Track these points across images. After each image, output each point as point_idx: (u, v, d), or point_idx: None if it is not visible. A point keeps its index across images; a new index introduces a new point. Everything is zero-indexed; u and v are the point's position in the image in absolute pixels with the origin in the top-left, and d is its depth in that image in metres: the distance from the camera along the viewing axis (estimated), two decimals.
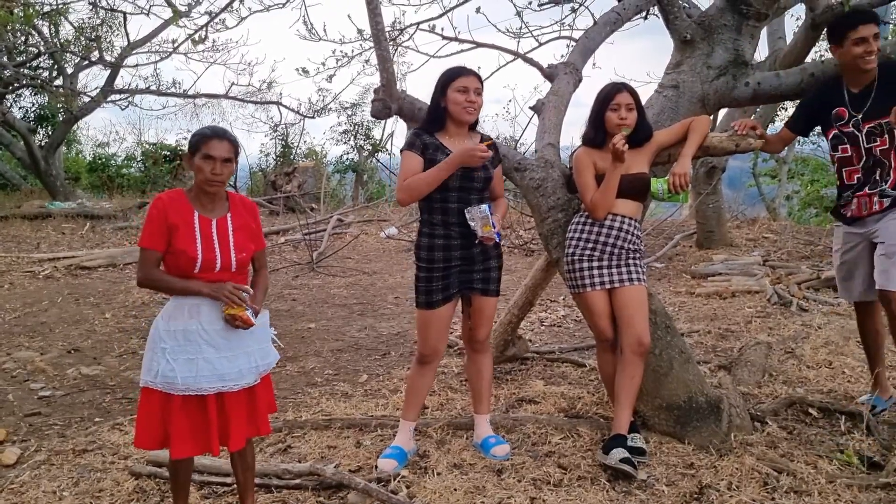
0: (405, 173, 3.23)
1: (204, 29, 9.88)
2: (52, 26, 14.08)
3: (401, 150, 3.34)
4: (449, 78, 3.26)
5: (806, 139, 18.70)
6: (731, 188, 15.39)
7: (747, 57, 3.78)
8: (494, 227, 3.16)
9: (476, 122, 3.40)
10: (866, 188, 3.43)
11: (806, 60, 7.62)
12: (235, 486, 3.09)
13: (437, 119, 3.30)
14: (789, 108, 16.51)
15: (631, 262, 3.37)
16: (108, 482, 3.23)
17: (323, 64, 7.00)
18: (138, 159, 18.28)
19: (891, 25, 12.38)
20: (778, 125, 17.11)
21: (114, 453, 3.57)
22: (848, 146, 3.43)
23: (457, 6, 6.05)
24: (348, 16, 6.06)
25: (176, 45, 13.24)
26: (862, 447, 3.30)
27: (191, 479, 2.83)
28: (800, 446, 3.36)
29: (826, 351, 4.86)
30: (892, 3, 10.09)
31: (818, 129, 3.67)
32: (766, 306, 6.44)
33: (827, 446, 3.38)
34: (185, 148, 2.70)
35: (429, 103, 3.40)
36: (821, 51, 14.39)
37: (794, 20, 13.59)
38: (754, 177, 19.07)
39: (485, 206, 3.16)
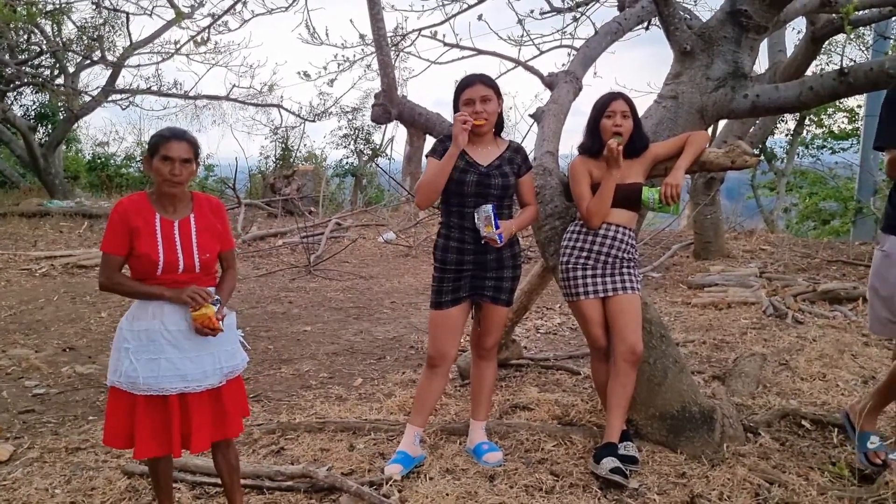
0: (422, 178, 3.29)
1: (207, 31, 9.89)
2: (54, 25, 14.09)
3: (425, 156, 3.38)
4: (457, 91, 3.29)
5: (806, 152, 18.80)
6: (729, 199, 15.42)
7: (746, 69, 3.80)
8: (497, 229, 3.15)
9: (501, 127, 3.40)
10: None
11: (806, 73, 7.69)
12: None
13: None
14: (789, 121, 16.63)
15: (625, 270, 3.38)
16: (100, 480, 3.23)
17: (324, 68, 7.06)
18: (138, 159, 18.26)
19: (891, 41, 12.45)
20: (778, 137, 17.21)
21: (106, 452, 3.56)
22: None
23: (459, 13, 6.09)
24: (350, 20, 6.09)
25: (178, 46, 13.26)
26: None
27: (172, 479, 2.83)
28: (792, 458, 3.37)
29: (820, 364, 4.87)
30: (893, 19, 10.15)
31: (818, 141, 3.60)
32: (762, 318, 6.45)
33: (819, 458, 3.39)
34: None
35: (431, 109, 3.43)
36: (821, 64, 14.47)
37: (794, 33, 13.67)
38: (753, 189, 19.09)
39: (489, 207, 3.17)
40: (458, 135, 3.13)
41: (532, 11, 5.87)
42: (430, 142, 3.35)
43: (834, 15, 6.66)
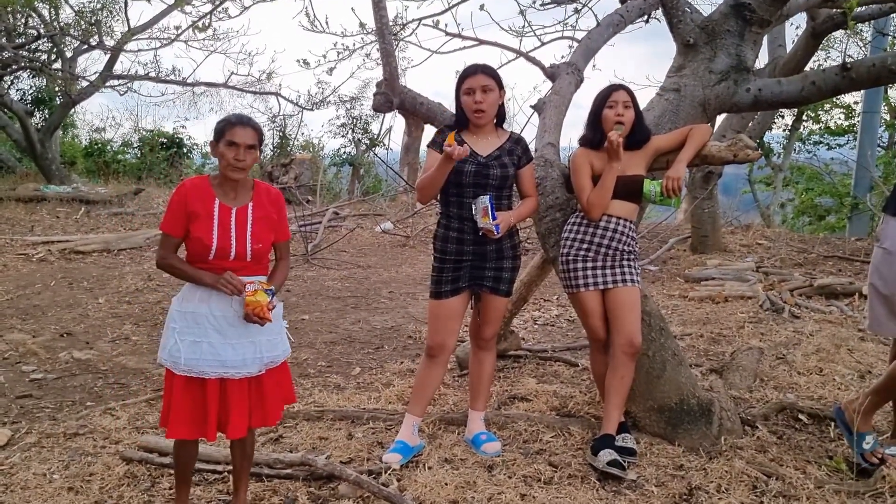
0: (423, 170, 3.30)
1: (208, 16, 9.84)
2: (51, 9, 14.00)
3: (426, 146, 3.40)
4: (459, 80, 3.28)
5: (803, 147, 18.83)
6: (726, 194, 15.44)
7: (749, 63, 3.80)
8: (494, 220, 3.15)
9: (503, 118, 3.38)
10: None
11: (805, 69, 7.69)
12: (227, 473, 3.12)
13: (460, 118, 3.34)
14: (787, 116, 16.64)
15: (625, 263, 3.38)
16: (98, 466, 3.23)
17: (324, 56, 7.02)
18: (135, 146, 18.19)
19: (889, 38, 12.44)
20: (775, 132, 17.22)
21: (105, 438, 3.57)
22: None
23: (460, 2, 6.06)
24: (352, 9, 6.06)
25: (179, 31, 13.19)
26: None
27: (194, 466, 2.83)
28: (789, 451, 3.38)
29: (817, 358, 4.89)
30: (893, 16, 10.14)
31: (814, 137, 3.61)
32: (759, 312, 6.47)
33: (816, 452, 3.40)
34: (183, 136, 2.70)
35: (431, 99, 3.42)
36: (819, 60, 14.47)
37: (794, 29, 13.66)
38: (750, 183, 19.13)
39: (486, 197, 3.16)
40: (450, 159, 3.05)
41: (534, 2, 5.85)
42: (428, 132, 3.34)
43: (835, 10, 6.66)
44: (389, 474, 3.12)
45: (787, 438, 3.56)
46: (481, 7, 5.49)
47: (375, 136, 18.40)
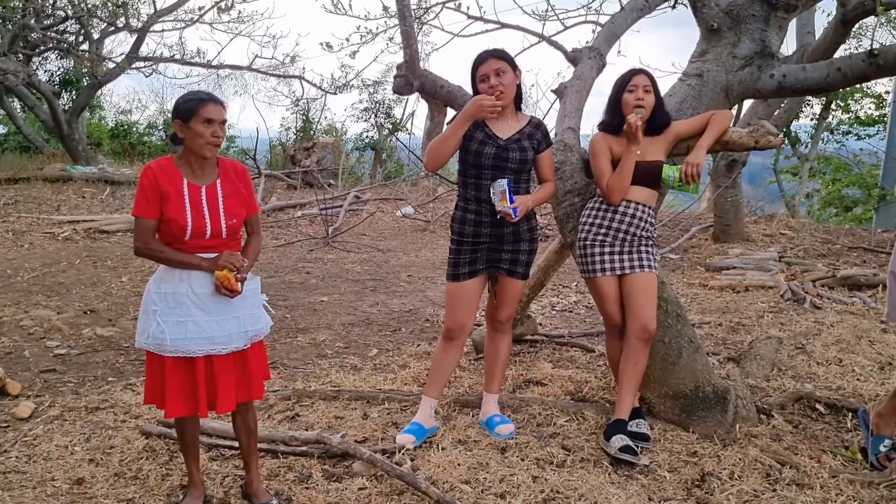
0: (434, 140, 3.30)
1: None
2: None
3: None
4: (474, 67, 3.28)
5: (831, 137, 18.54)
6: (751, 184, 15.26)
7: (774, 49, 3.74)
8: (512, 202, 3.15)
9: (520, 100, 3.38)
10: None
11: (834, 56, 7.55)
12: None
13: None
14: (815, 105, 16.37)
15: (643, 248, 3.37)
16: (118, 440, 3.30)
17: (347, 39, 7.00)
18: (160, 128, 18.36)
19: None
20: (803, 122, 16.95)
21: (125, 412, 3.64)
22: None
23: None
24: None
25: (203, 12, 13.24)
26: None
27: (198, 440, 2.87)
28: (804, 441, 3.37)
29: (837, 349, 4.85)
30: None
31: (843, 127, 3.54)
32: (780, 302, 6.41)
33: (832, 442, 3.38)
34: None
35: (451, 82, 3.42)
36: (850, 48, 14.22)
37: (824, 15, 13.41)
38: (775, 173, 18.87)
39: (504, 181, 3.17)
40: (480, 112, 3.13)
41: None
42: (451, 116, 3.33)
43: None
44: (403, 454, 3.15)
45: (802, 428, 3.54)
46: None
47: (398, 121, 18.39)
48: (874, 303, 6.27)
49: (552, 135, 3.58)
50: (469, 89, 3.44)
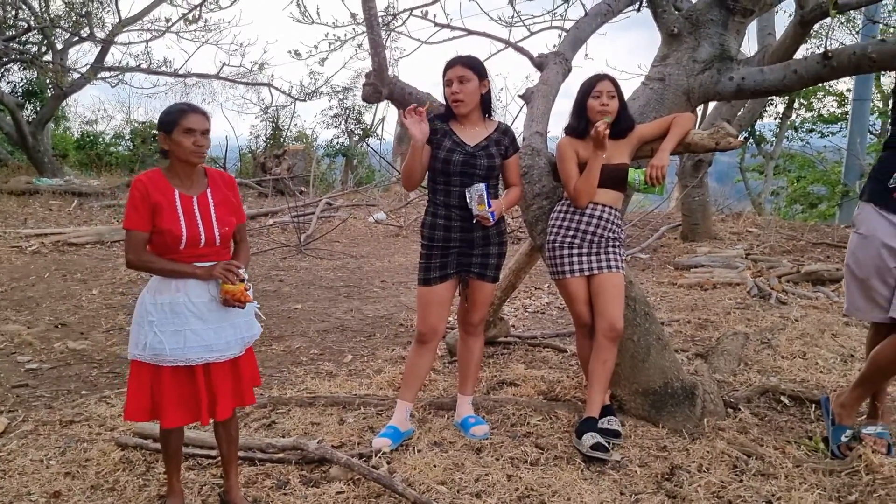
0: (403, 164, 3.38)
1: (198, 8, 9.84)
2: (42, 1, 13.96)
3: None
4: (444, 71, 3.34)
5: (795, 135, 18.91)
6: (718, 182, 15.53)
7: (732, 52, 3.85)
8: (490, 207, 3.22)
9: (488, 107, 3.43)
10: None
11: (795, 56, 7.73)
12: (219, 458, 3.18)
13: (448, 108, 3.40)
14: (778, 104, 16.69)
15: (610, 249, 3.45)
16: (94, 452, 3.29)
17: (315, 47, 7.02)
18: (127, 138, 18.15)
19: (880, 24, 12.48)
20: (767, 120, 17.27)
21: (100, 425, 3.63)
22: None
23: None
24: (342, 0, 6.07)
25: (170, 24, 13.16)
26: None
27: (182, 450, 2.89)
28: (770, 432, 3.47)
29: (801, 342, 4.98)
30: (881, 3, 10.18)
31: (807, 125, 3.57)
32: (746, 298, 6.56)
33: (796, 433, 3.49)
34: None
35: (420, 89, 3.47)
36: (811, 47, 14.51)
37: (784, 16, 13.68)
38: (741, 172, 19.21)
39: (482, 185, 3.24)
40: (409, 127, 3.21)
41: None
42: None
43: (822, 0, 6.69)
44: (380, 457, 3.19)
45: (768, 420, 3.64)
46: None
47: (368, 127, 18.41)
48: (837, 297, 6.44)
49: (520, 140, 3.65)
50: (439, 93, 3.50)
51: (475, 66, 3.32)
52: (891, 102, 3.40)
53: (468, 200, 3.26)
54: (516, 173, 3.49)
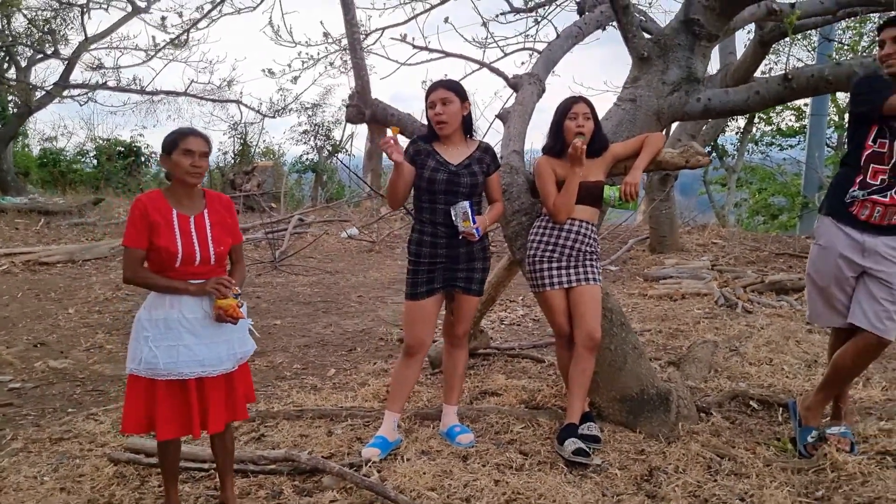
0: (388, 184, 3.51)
1: (186, 33, 9.88)
2: (4, 18, 13.84)
3: None
4: (427, 93, 3.49)
5: (756, 149, 19.45)
6: (683, 195, 15.90)
7: (699, 74, 4.06)
8: (474, 223, 3.36)
9: (469, 127, 3.57)
10: (891, 193, 3.15)
11: (755, 74, 8.04)
12: (213, 471, 3.25)
13: (431, 130, 3.53)
14: (739, 119, 17.16)
15: (588, 262, 3.61)
16: (87, 468, 3.34)
17: (289, 66, 7.13)
18: (91, 155, 17.96)
19: (835, 43, 12.95)
20: (729, 134, 17.73)
21: (91, 441, 3.67)
22: (887, 142, 3.16)
23: (422, 13, 6.27)
24: (321, 22, 6.21)
25: (157, 49, 13.10)
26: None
27: (179, 463, 2.96)
28: (741, 434, 3.65)
29: (767, 349, 5.19)
30: (836, 24, 10.59)
31: (767, 139, 3.78)
32: (714, 308, 6.78)
33: (765, 435, 3.67)
34: (140, 144, 2.82)
35: (401, 110, 3.61)
36: (770, 64, 14.98)
37: (745, 34, 14.14)
38: (705, 184, 19.68)
39: (466, 203, 3.37)
40: (388, 154, 3.34)
41: (497, 16, 6.08)
42: (401, 142, 3.50)
43: (780, 23, 6.99)
44: (370, 466, 3.29)
45: (738, 423, 3.82)
46: (446, 20, 5.69)
47: (337, 143, 18.51)
48: (800, 305, 6.70)
49: (499, 158, 3.80)
50: (416, 111, 3.66)
51: (457, 89, 3.47)
52: (846, 121, 3.61)
53: (453, 217, 3.40)
54: (498, 190, 3.64)
